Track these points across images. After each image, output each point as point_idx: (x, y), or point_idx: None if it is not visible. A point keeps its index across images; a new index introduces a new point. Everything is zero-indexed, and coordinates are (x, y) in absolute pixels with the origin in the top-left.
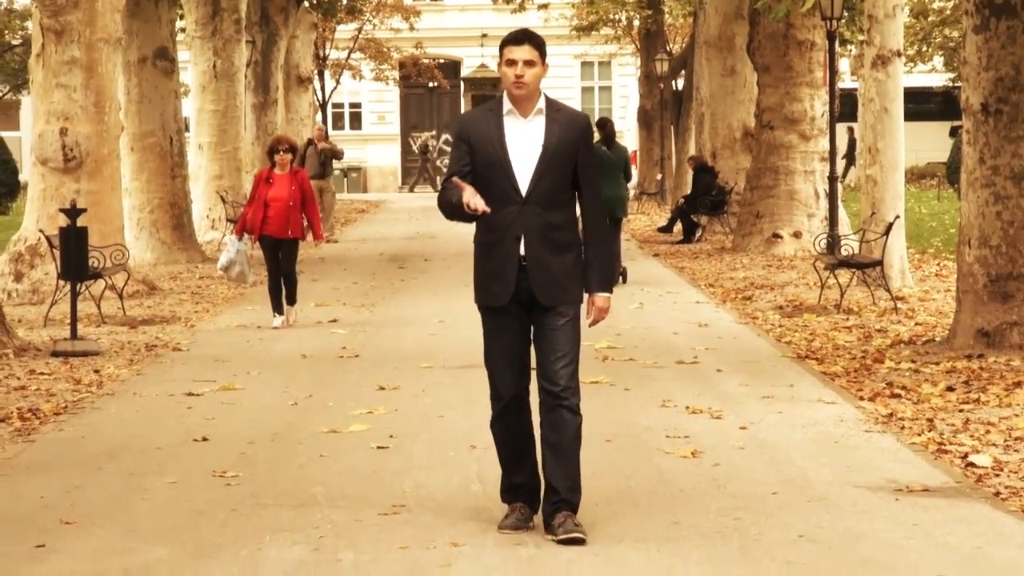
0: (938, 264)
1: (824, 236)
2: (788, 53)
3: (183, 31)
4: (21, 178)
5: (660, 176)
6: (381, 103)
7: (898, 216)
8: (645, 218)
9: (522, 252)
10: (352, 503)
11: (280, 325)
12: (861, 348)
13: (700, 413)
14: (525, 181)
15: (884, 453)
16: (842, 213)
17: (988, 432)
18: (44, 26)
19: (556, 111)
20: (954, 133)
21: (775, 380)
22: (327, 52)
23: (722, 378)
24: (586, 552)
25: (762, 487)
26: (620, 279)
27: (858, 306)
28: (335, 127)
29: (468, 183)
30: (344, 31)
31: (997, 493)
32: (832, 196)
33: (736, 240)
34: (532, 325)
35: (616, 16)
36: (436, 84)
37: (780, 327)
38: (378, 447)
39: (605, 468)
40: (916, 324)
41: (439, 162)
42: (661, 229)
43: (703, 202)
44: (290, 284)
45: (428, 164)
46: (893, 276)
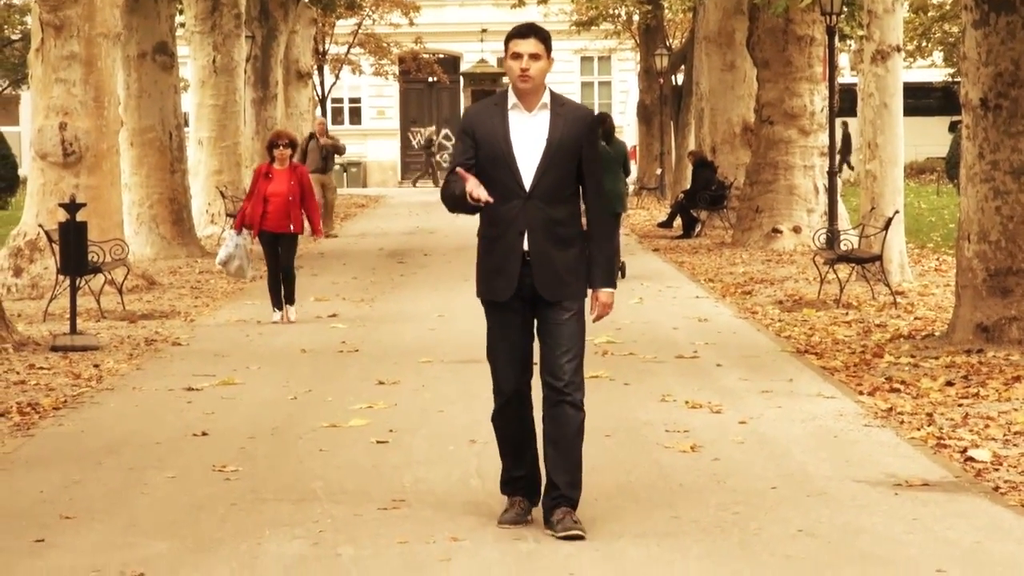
0: (937, 259)
1: (824, 231)
2: (788, 48)
3: (183, 26)
4: (20, 173)
5: (660, 171)
6: (380, 98)
7: (897, 211)
8: (645, 213)
9: (525, 247)
10: (352, 498)
11: (279, 320)
12: (860, 343)
13: (700, 408)
14: (529, 176)
15: (883, 448)
16: (841, 208)
17: (987, 427)
18: (43, 21)
19: (561, 105)
20: (953, 128)
21: (774, 375)
22: (327, 47)
23: (722, 373)
24: (585, 547)
25: (761, 482)
26: (619, 274)
27: (857, 301)
28: (334, 122)
29: (471, 175)
30: (344, 26)
31: (996, 488)
32: (832, 191)
33: (736, 235)
34: (536, 320)
35: (616, 11)
36: (436, 79)
37: (779, 322)
38: (378, 442)
39: (604, 463)
40: (915, 319)
41: (438, 156)
42: (661, 224)
43: (703, 197)
44: (289, 281)
45: (432, 159)
46: (892, 271)
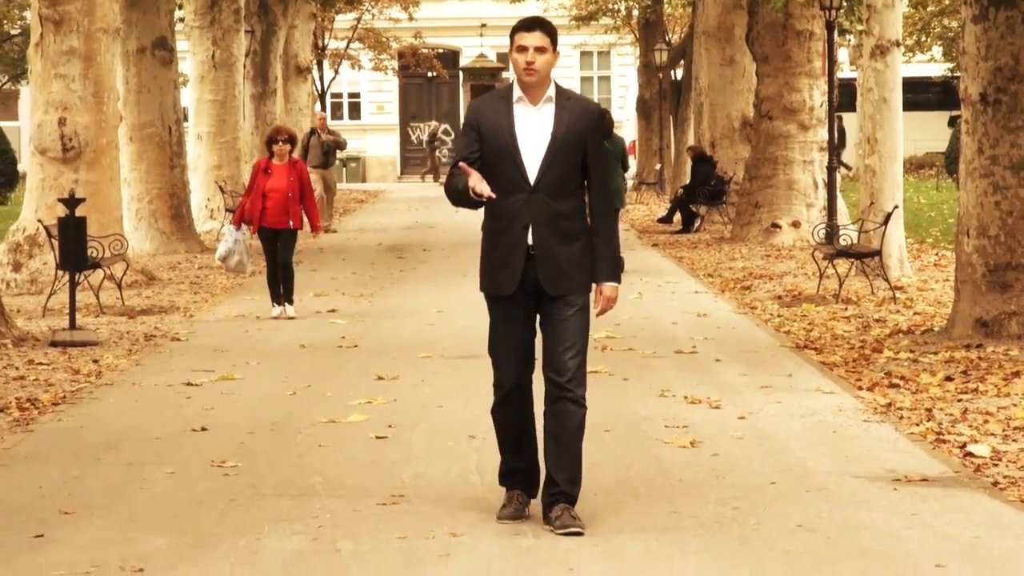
0: (936, 254)
1: (823, 226)
2: (787, 43)
3: (182, 21)
4: (20, 168)
5: (659, 166)
6: (380, 93)
7: (897, 206)
8: (644, 208)
9: (530, 241)
10: (351, 493)
11: (279, 315)
12: (860, 338)
13: (699, 403)
14: (534, 169)
15: (882, 443)
16: (841, 203)
17: (986, 422)
18: (43, 16)
19: (567, 99)
20: (953, 123)
21: (774, 370)
22: (326, 42)
23: (721, 368)
24: (585, 542)
25: (761, 477)
26: None
27: (857, 296)
28: (334, 117)
29: (476, 169)
30: (343, 21)
31: (995, 483)
32: (831, 186)
33: (735, 230)
34: (539, 315)
35: (615, 6)
36: (435, 74)
37: (779, 317)
38: (377, 437)
39: (604, 458)
40: (915, 314)
41: (438, 152)
42: (661, 220)
43: (702, 192)
44: (287, 278)
45: (435, 153)
46: (892, 266)
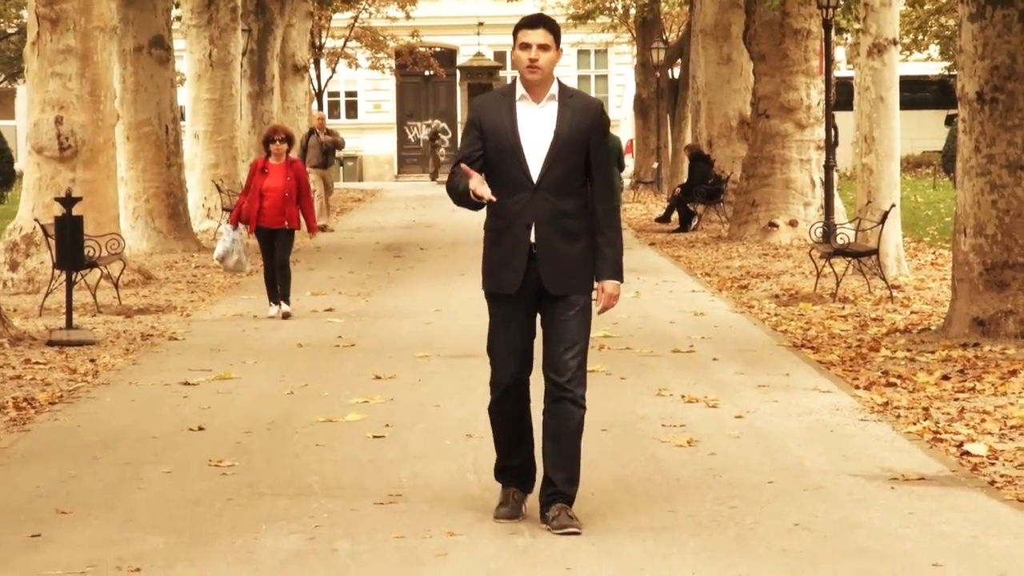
0: (934, 253)
1: (820, 225)
2: (784, 41)
3: (179, 19)
4: (17, 167)
5: (656, 165)
6: (377, 92)
7: (894, 205)
8: (641, 207)
9: (532, 240)
10: (348, 492)
11: (276, 315)
12: (857, 337)
13: (696, 402)
14: (536, 168)
15: (880, 442)
16: (838, 202)
17: (983, 421)
18: (40, 14)
19: (569, 97)
20: (950, 122)
21: (771, 369)
22: (323, 41)
23: (718, 367)
24: (582, 541)
25: (758, 476)
26: None
27: (854, 295)
28: (331, 116)
29: (477, 169)
30: (340, 19)
31: (992, 482)
32: (828, 185)
33: (732, 229)
34: (540, 314)
35: (612, 5)
36: (432, 73)
37: (776, 316)
38: (374, 436)
39: (601, 457)
40: (912, 313)
41: (438, 152)
42: (659, 219)
43: (699, 191)
44: (284, 278)
45: (436, 151)
46: (889, 265)
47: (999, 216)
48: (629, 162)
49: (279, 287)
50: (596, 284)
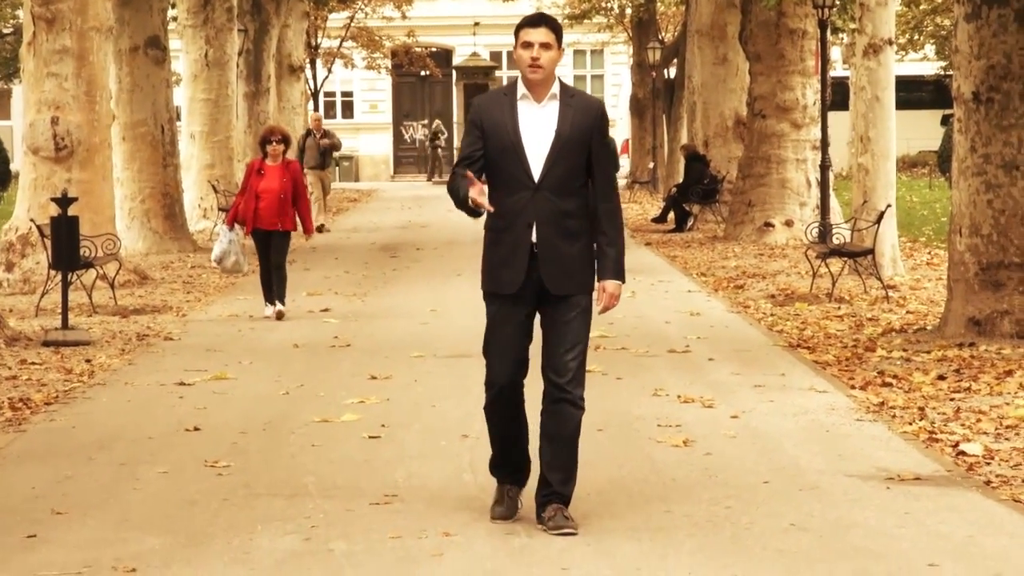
0: (929, 253)
1: (816, 225)
2: (780, 41)
3: (175, 20)
4: (12, 167)
5: (652, 165)
6: (373, 92)
7: (889, 205)
8: (637, 207)
9: (533, 239)
10: (344, 493)
11: (271, 315)
12: (852, 337)
13: (692, 402)
14: (538, 167)
15: (875, 442)
16: (834, 202)
17: (979, 420)
18: (35, 14)
19: (571, 97)
20: (945, 121)
21: (766, 369)
22: (319, 41)
23: (714, 367)
24: (578, 541)
25: (753, 476)
26: None
27: (849, 295)
28: (327, 116)
29: (478, 169)
30: (336, 19)
31: (988, 482)
32: (824, 185)
33: (728, 229)
34: (540, 315)
35: (608, 5)
36: (428, 73)
37: (772, 316)
38: (370, 436)
39: (597, 457)
40: (907, 313)
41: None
42: (655, 220)
43: (695, 191)
44: (279, 280)
45: (437, 151)
46: (884, 265)
47: (995, 216)
48: (625, 162)
49: (275, 289)
50: (597, 284)
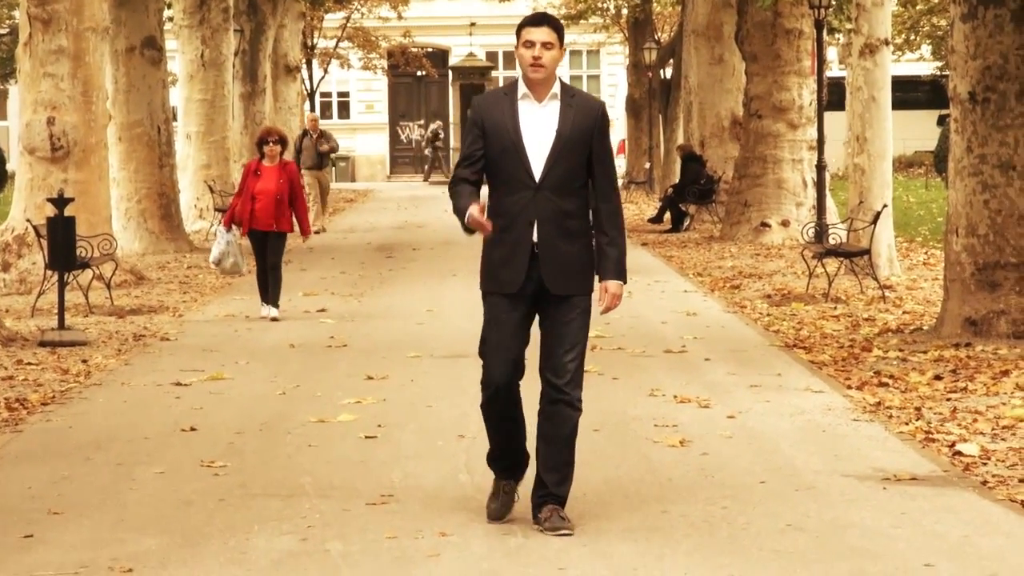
0: (926, 253)
1: (812, 225)
2: (776, 42)
3: (171, 20)
4: (9, 167)
5: (648, 165)
6: (369, 92)
7: (886, 205)
8: (634, 207)
9: (535, 239)
10: (340, 493)
11: (267, 316)
12: (849, 337)
13: (688, 402)
14: (539, 167)
15: (872, 442)
16: (830, 202)
17: (975, 421)
18: (31, 15)
19: (571, 96)
20: (942, 122)
21: (763, 369)
22: (315, 41)
23: (710, 367)
24: (574, 542)
25: (750, 476)
26: None
27: (846, 295)
28: (323, 116)
29: (479, 169)
30: (332, 20)
31: (984, 482)
32: (820, 185)
33: (724, 229)
34: (540, 316)
35: (604, 5)
36: (424, 73)
37: (768, 316)
38: (366, 437)
39: (593, 458)
40: (904, 313)
41: (426, 151)
42: (651, 219)
43: (691, 191)
44: (274, 282)
45: (437, 152)
46: (881, 265)
47: (991, 216)
48: (621, 162)
49: (270, 294)
50: (599, 284)
